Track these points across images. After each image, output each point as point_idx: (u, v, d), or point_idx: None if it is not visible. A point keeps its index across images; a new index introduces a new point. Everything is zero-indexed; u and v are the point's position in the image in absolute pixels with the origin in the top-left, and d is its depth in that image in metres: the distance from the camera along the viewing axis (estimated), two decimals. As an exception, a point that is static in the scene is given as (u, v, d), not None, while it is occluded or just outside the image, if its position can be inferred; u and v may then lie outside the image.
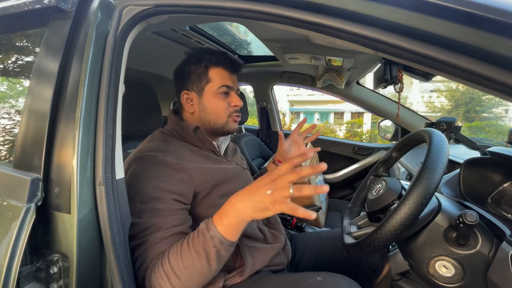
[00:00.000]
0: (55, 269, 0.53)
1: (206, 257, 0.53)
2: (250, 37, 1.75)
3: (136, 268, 0.58)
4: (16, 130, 0.62)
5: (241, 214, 0.52)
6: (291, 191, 0.47)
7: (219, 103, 0.77)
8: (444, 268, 0.55)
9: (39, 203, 0.53)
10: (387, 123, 1.76)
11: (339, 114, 15.84)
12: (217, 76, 0.76)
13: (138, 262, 0.58)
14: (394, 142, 1.71)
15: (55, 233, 0.54)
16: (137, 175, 0.63)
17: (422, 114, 1.66)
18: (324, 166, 0.47)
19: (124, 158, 0.64)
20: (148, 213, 0.60)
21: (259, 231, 0.77)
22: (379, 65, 1.29)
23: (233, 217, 0.53)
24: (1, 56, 0.80)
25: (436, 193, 0.59)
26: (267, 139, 2.11)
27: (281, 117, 2.97)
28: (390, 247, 0.91)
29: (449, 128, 1.12)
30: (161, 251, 0.58)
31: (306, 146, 1.65)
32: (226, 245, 0.54)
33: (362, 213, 0.73)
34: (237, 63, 0.79)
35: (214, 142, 0.80)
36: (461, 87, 10.07)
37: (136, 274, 0.58)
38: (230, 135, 0.88)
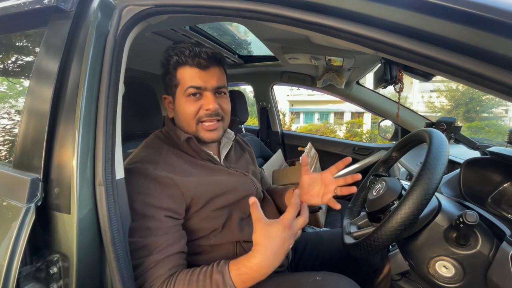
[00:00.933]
0: (55, 269, 0.53)
1: None
2: (250, 37, 1.75)
3: None
4: (16, 130, 0.62)
5: (266, 273, 0.54)
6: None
7: (187, 107, 0.68)
8: (444, 268, 0.55)
9: (39, 203, 0.53)
10: (387, 123, 1.76)
11: (339, 114, 15.84)
12: (184, 77, 0.67)
13: (136, 284, 0.57)
14: (394, 142, 1.71)
15: (55, 233, 0.54)
16: (127, 188, 0.59)
17: (422, 114, 1.66)
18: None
19: (124, 158, 0.64)
20: (139, 232, 0.58)
21: None
22: (379, 65, 1.29)
23: (256, 280, 0.54)
24: (1, 56, 0.80)
25: (436, 193, 0.59)
26: (267, 139, 2.11)
27: (281, 117, 2.97)
28: (390, 247, 0.90)
29: (449, 128, 1.12)
30: (157, 275, 0.56)
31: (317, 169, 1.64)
32: None
33: (362, 213, 0.73)
34: (208, 57, 0.66)
35: (210, 151, 0.74)
36: (461, 87, 10.07)
37: None
38: (233, 137, 0.82)
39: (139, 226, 0.58)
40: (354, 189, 0.72)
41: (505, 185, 0.67)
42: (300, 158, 1.49)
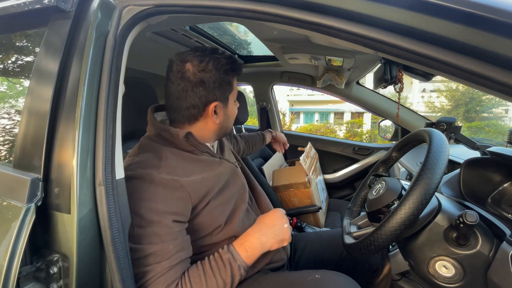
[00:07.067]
0: (55, 269, 0.53)
1: (231, 283, 0.61)
2: (250, 37, 1.75)
3: None
4: (16, 130, 0.62)
5: (264, 247, 0.66)
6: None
7: (235, 109, 0.80)
8: (444, 268, 0.55)
9: (39, 203, 0.53)
10: (387, 123, 1.76)
11: (339, 114, 15.84)
12: (235, 84, 0.78)
13: None
14: (394, 142, 1.71)
15: (55, 233, 0.54)
16: (131, 196, 0.59)
17: (422, 114, 1.65)
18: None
19: (124, 158, 0.64)
20: (147, 238, 0.57)
21: None
22: (379, 65, 1.29)
23: (258, 249, 0.65)
24: (1, 56, 0.80)
25: (436, 193, 0.59)
26: (267, 139, 2.11)
27: (281, 117, 2.97)
28: (390, 247, 0.91)
29: (449, 128, 1.11)
30: (171, 281, 0.57)
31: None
32: (247, 270, 0.64)
33: (362, 213, 0.73)
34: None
35: (208, 144, 0.76)
36: (461, 87, 10.07)
37: None
38: None
39: (147, 233, 0.58)
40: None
41: (505, 185, 0.67)
42: (300, 158, 1.48)
